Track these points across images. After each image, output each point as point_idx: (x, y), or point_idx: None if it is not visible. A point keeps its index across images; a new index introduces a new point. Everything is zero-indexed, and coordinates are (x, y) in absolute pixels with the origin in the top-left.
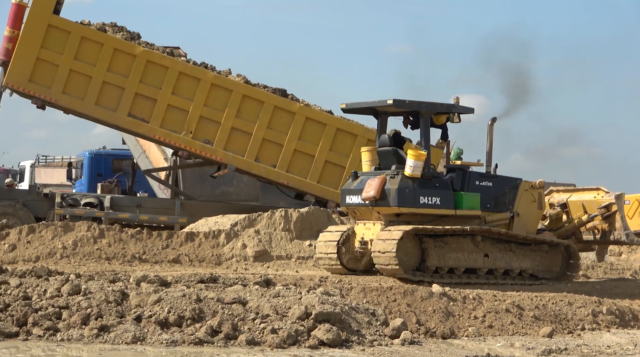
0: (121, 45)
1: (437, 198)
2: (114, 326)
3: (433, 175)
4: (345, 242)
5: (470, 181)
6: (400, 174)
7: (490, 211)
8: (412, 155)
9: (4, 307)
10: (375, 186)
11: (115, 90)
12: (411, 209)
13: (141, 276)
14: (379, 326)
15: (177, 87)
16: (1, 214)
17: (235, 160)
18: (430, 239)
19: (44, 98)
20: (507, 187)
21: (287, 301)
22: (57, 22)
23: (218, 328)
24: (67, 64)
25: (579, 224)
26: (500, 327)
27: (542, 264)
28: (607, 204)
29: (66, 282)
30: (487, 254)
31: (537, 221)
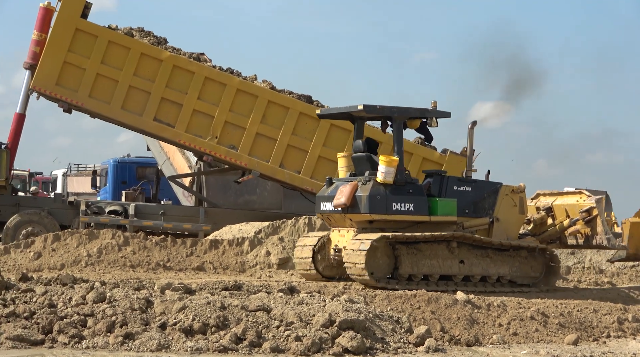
0: (148, 50)
1: (411, 204)
2: (139, 333)
3: (407, 181)
4: (321, 249)
5: (448, 185)
6: (372, 181)
7: (469, 216)
8: (384, 161)
9: (29, 315)
10: (347, 193)
11: (142, 94)
12: (383, 216)
13: (166, 284)
14: (403, 333)
15: (203, 92)
16: (27, 222)
17: (260, 166)
18: (403, 246)
19: (71, 102)
20: (487, 191)
21: (311, 308)
22: (84, 26)
23: (242, 336)
24: (94, 68)
25: (561, 228)
26: (525, 334)
27: (521, 269)
28: (588, 208)
29: (91, 290)
30: (462, 261)
31: (519, 225)
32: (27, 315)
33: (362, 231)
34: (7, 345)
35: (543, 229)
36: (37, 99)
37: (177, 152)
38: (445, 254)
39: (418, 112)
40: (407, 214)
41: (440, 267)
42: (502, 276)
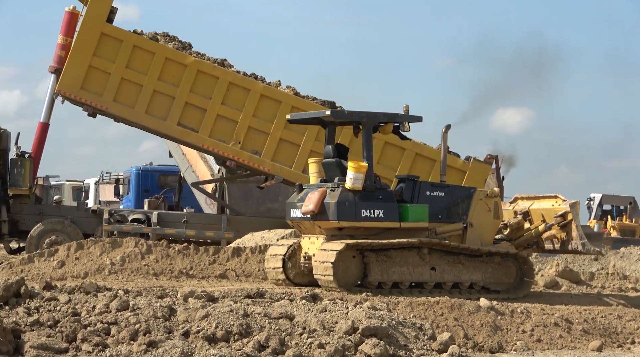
0: (172, 55)
1: (380, 210)
2: (162, 341)
3: (376, 188)
4: (292, 256)
5: (421, 191)
6: (341, 187)
7: (442, 222)
8: (352, 168)
9: (53, 323)
10: (315, 200)
11: (166, 99)
12: (352, 223)
13: (189, 292)
14: (427, 340)
15: (227, 97)
16: (50, 230)
17: (283, 172)
18: (372, 253)
19: (95, 106)
20: (461, 196)
21: (334, 315)
22: (110, 31)
23: (265, 343)
24: (118, 72)
25: (536, 233)
26: (548, 341)
27: (495, 276)
28: (562, 212)
29: (114, 298)
30: (434, 267)
31: (493, 231)
32: (51, 323)
33: (331, 238)
34: (32, 354)
35: (519, 234)
36: (62, 103)
37: (199, 159)
38: (416, 261)
39: (387, 117)
40: (377, 220)
41: (411, 275)
42: (475, 282)
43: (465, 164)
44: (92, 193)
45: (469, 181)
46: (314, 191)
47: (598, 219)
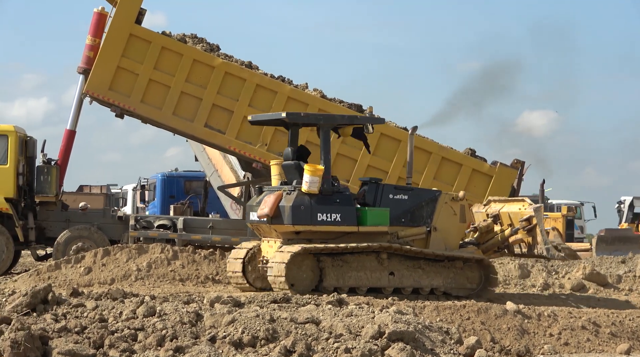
0: (200, 57)
1: (338, 214)
2: (189, 347)
3: (334, 191)
4: (251, 260)
5: (384, 194)
6: (297, 190)
7: (405, 226)
8: (309, 171)
9: (80, 329)
10: (270, 203)
11: (193, 100)
12: (308, 227)
13: (215, 297)
14: (453, 344)
15: (254, 99)
16: (77, 237)
17: None
18: (328, 257)
19: (123, 106)
20: (425, 200)
21: (360, 320)
22: (138, 32)
23: (292, 348)
24: (146, 74)
25: (502, 237)
26: (576, 344)
27: (457, 281)
28: (527, 217)
29: (141, 304)
30: (392, 272)
31: (459, 235)
32: (78, 330)
33: (287, 242)
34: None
35: (488, 238)
36: (89, 103)
37: (225, 164)
38: (373, 266)
39: (346, 119)
40: (334, 224)
41: (368, 280)
42: (436, 287)
43: (491, 168)
44: (129, 199)
45: (495, 186)
46: (271, 194)
47: (630, 222)
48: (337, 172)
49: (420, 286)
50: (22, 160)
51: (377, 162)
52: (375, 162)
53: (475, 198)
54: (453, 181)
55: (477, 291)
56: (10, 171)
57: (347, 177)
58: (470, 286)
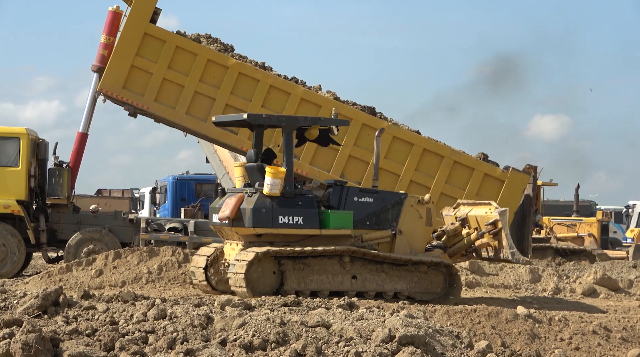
0: (214, 57)
1: (300, 217)
2: (200, 349)
3: (296, 193)
4: (214, 262)
5: (349, 197)
6: (259, 193)
7: (370, 229)
8: (270, 173)
9: (91, 332)
10: (231, 206)
11: (206, 100)
12: (269, 230)
13: (225, 300)
14: (464, 348)
15: (267, 100)
16: (88, 240)
17: (321, 176)
18: (290, 261)
19: (136, 105)
20: (390, 203)
21: (370, 324)
22: (153, 31)
23: (302, 351)
24: (160, 73)
25: (469, 241)
26: (587, 349)
27: (421, 285)
28: (493, 220)
29: (152, 306)
30: (355, 276)
31: (425, 238)
32: (89, 332)
33: (249, 245)
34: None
35: (455, 241)
36: (103, 102)
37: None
38: (336, 270)
39: (309, 121)
40: (296, 227)
41: (330, 283)
42: (400, 291)
43: (503, 173)
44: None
45: (507, 191)
46: (232, 196)
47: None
48: (348, 175)
49: (384, 290)
50: (33, 163)
51: (389, 165)
52: (387, 165)
53: None
54: (465, 185)
55: (442, 295)
56: (22, 173)
57: (359, 179)
58: (434, 290)
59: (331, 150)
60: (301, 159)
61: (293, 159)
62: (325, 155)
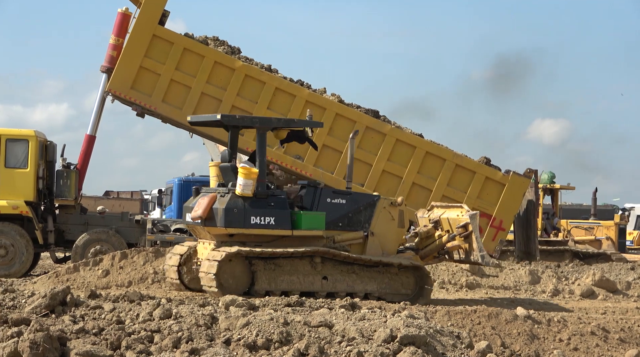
0: (221, 59)
1: (271, 218)
2: (204, 349)
3: (269, 194)
4: (187, 261)
5: (321, 198)
6: (231, 193)
7: (342, 230)
8: (242, 174)
9: (98, 331)
10: (204, 205)
11: (213, 101)
12: (241, 230)
13: (230, 300)
14: (464, 348)
15: (273, 102)
16: (95, 240)
17: (324, 177)
18: (261, 261)
19: (144, 105)
20: (363, 204)
21: (372, 324)
22: (161, 33)
23: (305, 351)
24: (168, 74)
25: (440, 243)
26: (585, 349)
27: (391, 286)
28: (464, 223)
29: (158, 306)
30: (326, 277)
31: (397, 240)
32: (96, 331)
33: (221, 245)
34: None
35: (427, 243)
36: (111, 102)
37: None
38: (307, 270)
39: (282, 123)
40: (268, 228)
41: (301, 284)
42: (370, 293)
43: (504, 177)
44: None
45: (508, 194)
46: (205, 196)
47: None
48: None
49: (354, 290)
50: (42, 165)
51: (392, 168)
52: (390, 167)
53: (488, 206)
54: (466, 188)
55: (412, 296)
56: (30, 175)
57: (362, 181)
58: (404, 291)
59: (335, 152)
60: (305, 160)
61: (266, 160)
62: (329, 157)
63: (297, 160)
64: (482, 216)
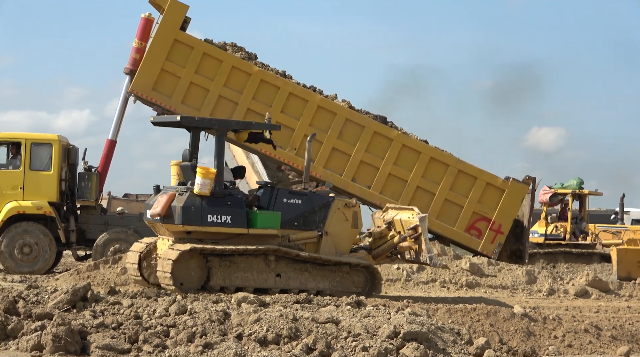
0: (239, 64)
1: (228, 216)
2: (217, 343)
3: (226, 194)
4: (147, 256)
5: (278, 198)
6: (189, 192)
7: (297, 229)
8: (200, 173)
9: (117, 325)
10: (162, 203)
11: (230, 104)
12: (198, 228)
13: (242, 297)
14: (464, 344)
15: (286, 106)
16: (114, 239)
17: (334, 179)
18: (216, 258)
19: (164, 106)
20: (318, 205)
21: (377, 320)
22: (183, 38)
23: (313, 346)
24: (188, 77)
25: (391, 244)
26: (579, 346)
27: (342, 284)
28: (414, 225)
29: (173, 302)
30: (279, 274)
31: (351, 240)
32: (115, 326)
33: (178, 242)
34: (97, 354)
35: (380, 243)
36: (133, 102)
37: (252, 172)
38: (261, 267)
39: (241, 125)
40: (224, 226)
41: (255, 281)
42: (322, 290)
43: (504, 183)
44: None
45: (507, 199)
46: (164, 194)
47: None
48: (360, 179)
49: (307, 288)
50: (64, 167)
51: (398, 171)
52: (396, 171)
53: (488, 210)
54: (468, 193)
55: (363, 293)
56: (54, 177)
57: (369, 183)
58: (355, 289)
59: (344, 155)
60: (316, 162)
61: (224, 160)
62: (338, 159)
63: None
64: (482, 219)
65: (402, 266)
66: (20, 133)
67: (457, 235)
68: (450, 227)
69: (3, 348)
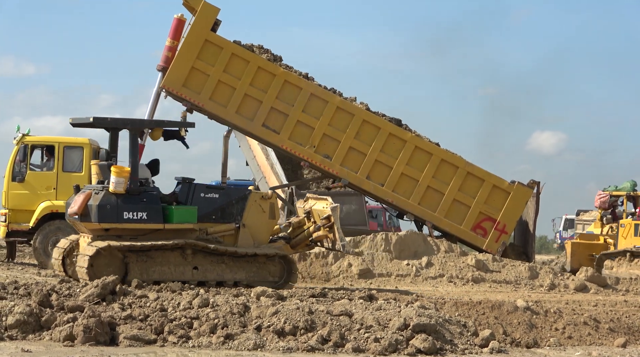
0: (264, 65)
1: (144, 213)
2: (238, 334)
3: (142, 191)
4: (70, 252)
5: (195, 193)
6: (105, 190)
7: (215, 222)
8: (114, 172)
9: (144, 317)
10: (79, 202)
11: (254, 102)
12: (114, 225)
13: (261, 291)
14: (470, 336)
15: (307, 106)
16: None
17: (349, 176)
18: (133, 253)
19: (193, 102)
20: (235, 198)
21: (388, 313)
22: (213, 39)
23: (327, 337)
24: (216, 75)
25: (308, 234)
26: (578, 338)
27: (259, 275)
28: (327, 215)
29: (196, 296)
30: (196, 267)
31: (268, 231)
32: (141, 318)
33: (97, 239)
34: (125, 344)
35: (298, 233)
36: (164, 98)
37: (272, 173)
38: (178, 261)
39: (154, 124)
40: (140, 222)
41: (172, 274)
42: (239, 281)
43: (510, 186)
44: None
45: (512, 201)
46: (82, 193)
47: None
48: (374, 177)
49: (224, 279)
50: None
51: (410, 171)
52: (408, 171)
53: (494, 211)
54: (475, 194)
55: (280, 283)
56: (85, 178)
57: (383, 181)
58: (272, 279)
59: (360, 154)
60: (333, 159)
61: (138, 159)
62: (354, 158)
63: (325, 159)
64: (487, 219)
65: (412, 262)
66: (54, 137)
67: (464, 233)
68: (457, 225)
69: (37, 338)
